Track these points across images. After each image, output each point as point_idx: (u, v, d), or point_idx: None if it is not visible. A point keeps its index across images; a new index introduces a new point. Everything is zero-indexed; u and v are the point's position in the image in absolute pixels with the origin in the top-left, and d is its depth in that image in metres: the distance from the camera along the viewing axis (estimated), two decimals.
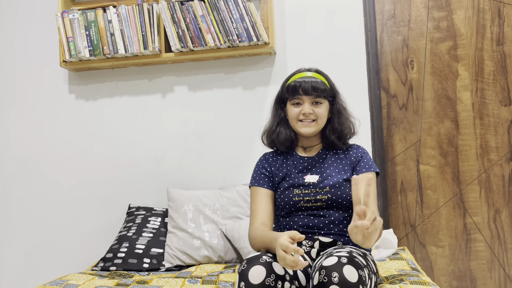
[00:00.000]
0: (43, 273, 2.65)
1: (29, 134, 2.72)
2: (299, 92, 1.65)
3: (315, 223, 1.60)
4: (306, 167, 1.70)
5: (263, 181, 1.70)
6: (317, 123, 1.67)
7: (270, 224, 1.66)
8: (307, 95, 1.64)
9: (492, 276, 2.44)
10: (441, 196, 2.49)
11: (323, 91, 1.65)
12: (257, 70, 2.55)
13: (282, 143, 1.72)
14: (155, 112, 2.62)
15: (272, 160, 1.75)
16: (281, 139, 1.72)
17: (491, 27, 2.49)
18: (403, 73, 2.55)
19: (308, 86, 1.64)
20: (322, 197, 1.61)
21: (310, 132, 1.67)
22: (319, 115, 1.66)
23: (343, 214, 1.62)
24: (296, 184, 1.65)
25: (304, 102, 1.65)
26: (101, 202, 2.63)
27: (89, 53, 2.49)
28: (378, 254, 2.09)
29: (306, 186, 1.64)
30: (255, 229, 1.59)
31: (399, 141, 2.53)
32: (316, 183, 1.64)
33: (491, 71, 2.49)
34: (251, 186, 1.73)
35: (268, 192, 1.69)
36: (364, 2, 2.51)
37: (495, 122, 2.47)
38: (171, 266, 2.17)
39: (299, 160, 1.72)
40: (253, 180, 1.73)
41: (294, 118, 1.67)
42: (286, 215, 1.65)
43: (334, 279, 1.27)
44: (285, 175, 1.69)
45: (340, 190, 1.61)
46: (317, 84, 1.65)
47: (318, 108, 1.66)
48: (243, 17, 2.34)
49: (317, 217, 1.61)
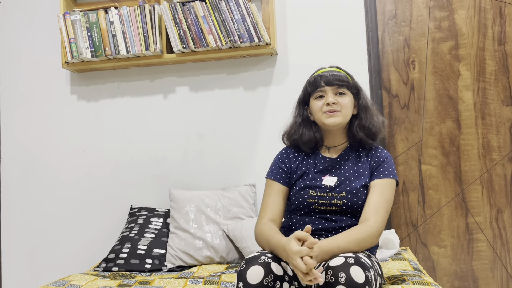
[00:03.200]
0: (45, 273, 2.66)
1: (32, 135, 2.73)
2: (321, 84, 1.62)
3: (325, 227, 1.59)
4: (326, 168, 1.66)
5: (280, 176, 1.67)
6: (342, 113, 1.61)
7: (279, 221, 1.65)
8: (330, 85, 1.61)
9: (495, 276, 2.44)
10: (443, 196, 2.49)
11: (346, 81, 1.63)
12: (258, 70, 2.55)
13: (305, 144, 1.68)
14: (157, 113, 2.63)
15: (293, 156, 1.71)
16: (304, 140, 1.67)
17: (493, 27, 2.49)
18: (404, 73, 2.54)
19: (329, 77, 1.61)
20: (337, 202, 1.58)
21: (335, 122, 1.61)
22: (344, 105, 1.62)
23: (356, 221, 1.60)
24: (312, 185, 1.62)
25: (327, 93, 1.62)
26: (103, 203, 2.63)
27: (91, 54, 2.49)
28: (380, 255, 2.09)
29: (323, 189, 1.61)
30: (263, 225, 1.57)
31: (401, 141, 2.53)
32: (333, 186, 1.60)
33: (492, 71, 2.48)
34: (267, 178, 1.70)
35: (283, 188, 1.67)
36: (366, 2, 2.51)
37: (497, 122, 2.47)
38: (173, 266, 2.18)
39: (320, 160, 1.68)
40: (270, 173, 1.70)
41: (319, 111, 1.63)
42: (298, 214, 1.64)
43: (341, 279, 1.27)
44: (303, 173, 1.66)
45: (356, 196, 1.58)
46: (339, 75, 1.63)
47: (342, 98, 1.62)
48: (245, 17, 2.34)
49: (329, 221, 1.59)
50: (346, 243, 1.42)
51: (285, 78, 2.51)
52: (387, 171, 1.61)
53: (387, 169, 1.61)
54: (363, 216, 1.54)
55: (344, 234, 1.46)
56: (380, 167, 1.62)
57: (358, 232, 1.46)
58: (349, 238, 1.44)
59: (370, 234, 1.48)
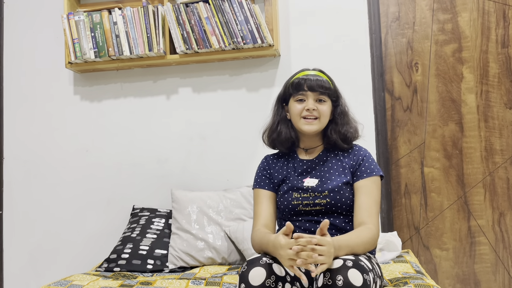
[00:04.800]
0: (47, 273, 2.66)
1: (34, 135, 2.73)
2: (304, 88, 1.63)
3: (315, 228, 1.60)
4: (305, 170, 1.68)
5: (265, 183, 1.71)
6: (319, 121, 1.64)
7: (273, 226, 1.67)
8: (312, 91, 1.63)
9: (497, 280, 2.43)
10: (445, 198, 2.48)
11: (328, 89, 1.64)
12: (261, 72, 2.55)
13: (282, 143, 1.70)
14: (160, 114, 2.63)
15: (273, 162, 1.75)
16: (281, 139, 1.70)
17: (496, 30, 2.49)
18: (407, 75, 2.54)
19: (313, 83, 1.63)
20: (321, 201, 1.60)
21: (312, 130, 1.64)
22: (322, 113, 1.64)
23: (344, 219, 1.61)
24: (295, 188, 1.64)
25: (308, 99, 1.64)
26: (106, 203, 2.63)
27: (94, 54, 2.50)
28: (382, 257, 2.09)
29: (305, 190, 1.62)
30: (256, 231, 1.60)
31: (403, 143, 2.53)
32: (315, 187, 1.62)
33: (496, 74, 2.48)
34: (253, 188, 1.74)
35: (270, 194, 1.69)
36: (369, 4, 2.51)
37: (499, 125, 2.47)
38: (175, 267, 2.18)
39: (299, 163, 1.70)
40: (255, 183, 1.74)
41: (297, 115, 1.65)
42: (287, 218, 1.66)
43: (339, 282, 1.27)
44: (285, 177, 1.69)
45: (339, 194, 1.60)
46: (322, 82, 1.64)
47: (321, 105, 1.64)
48: (248, 19, 2.34)
49: (317, 222, 1.60)
50: (358, 244, 1.44)
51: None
52: (369, 169, 1.63)
53: (368, 167, 1.63)
54: (358, 219, 1.56)
55: (354, 234, 1.48)
56: (361, 166, 1.64)
57: (366, 234, 1.48)
58: (360, 239, 1.46)
59: (373, 237, 1.51)
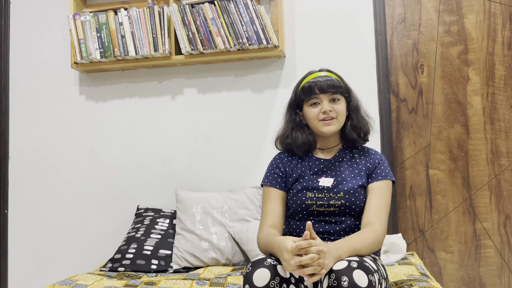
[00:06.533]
0: (52, 273, 2.67)
1: (40, 135, 2.74)
2: (316, 92, 1.63)
3: (326, 229, 1.59)
4: (321, 169, 1.66)
5: (276, 182, 1.68)
6: (337, 120, 1.64)
7: (280, 227, 1.65)
8: (324, 93, 1.62)
9: (502, 283, 2.42)
10: (451, 201, 2.47)
11: (339, 87, 1.64)
12: (266, 73, 2.55)
13: (299, 147, 1.68)
14: (165, 114, 2.63)
15: (287, 160, 1.72)
16: (298, 143, 1.68)
17: (502, 32, 2.48)
18: (413, 77, 2.54)
19: (324, 84, 1.62)
20: (335, 202, 1.58)
21: (332, 130, 1.63)
22: (339, 112, 1.64)
23: (355, 221, 1.60)
24: (309, 187, 1.62)
25: (322, 101, 1.63)
26: (110, 203, 2.64)
27: (100, 55, 2.51)
28: (387, 259, 2.08)
29: (320, 190, 1.61)
30: (263, 232, 1.58)
31: (409, 145, 2.52)
32: (330, 187, 1.61)
33: (502, 76, 2.47)
34: (263, 185, 1.71)
35: (280, 193, 1.67)
36: (374, 6, 2.50)
37: (505, 127, 2.45)
38: (179, 267, 2.18)
39: (315, 161, 1.68)
40: (265, 179, 1.71)
41: (315, 119, 1.64)
42: (297, 218, 1.64)
43: (344, 283, 1.27)
44: (299, 176, 1.66)
45: (354, 196, 1.59)
46: (332, 81, 1.63)
47: (336, 105, 1.64)
48: (253, 20, 2.34)
49: (329, 223, 1.59)
50: (361, 246, 1.44)
51: (293, 81, 2.51)
52: (384, 172, 1.64)
53: (383, 170, 1.64)
54: (366, 219, 1.55)
55: (357, 236, 1.47)
56: (377, 169, 1.65)
57: (370, 236, 1.48)
58: (363, 242, 1.45)
59: (379, 238, 1.51)
